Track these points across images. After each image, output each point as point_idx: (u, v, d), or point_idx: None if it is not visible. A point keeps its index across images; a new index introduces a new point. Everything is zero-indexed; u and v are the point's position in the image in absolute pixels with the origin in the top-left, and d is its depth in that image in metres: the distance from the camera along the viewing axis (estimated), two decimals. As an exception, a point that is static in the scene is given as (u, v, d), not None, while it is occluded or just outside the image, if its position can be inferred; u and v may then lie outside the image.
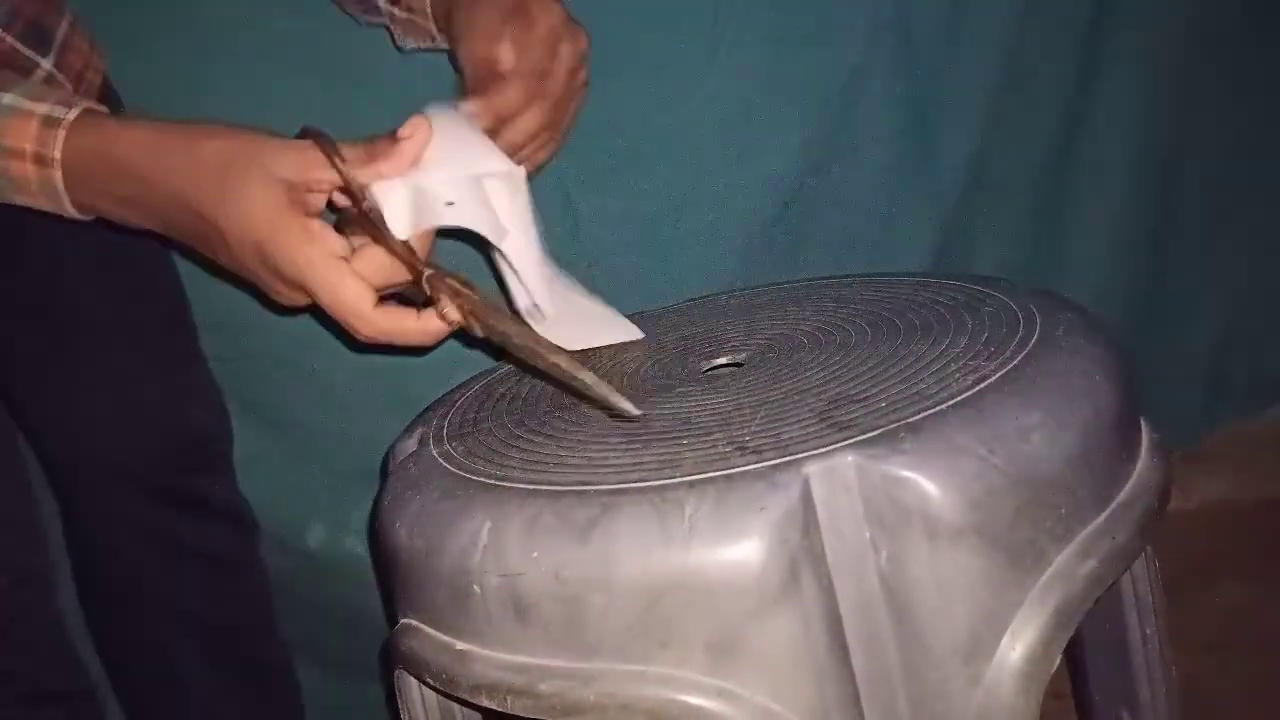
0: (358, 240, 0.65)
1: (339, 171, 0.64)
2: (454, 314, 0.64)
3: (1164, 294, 1.34)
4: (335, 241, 0.63)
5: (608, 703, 0.55)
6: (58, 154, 0.65)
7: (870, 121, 1.15)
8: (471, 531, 0.58)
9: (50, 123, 0.65)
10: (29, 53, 0.84)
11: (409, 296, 0.66)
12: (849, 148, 1.15)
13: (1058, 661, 0.55)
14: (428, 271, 0.64)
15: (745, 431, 0.59)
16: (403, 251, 0.64)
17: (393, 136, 0.66)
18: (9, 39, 0.83)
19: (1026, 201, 1.25)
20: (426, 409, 0.77)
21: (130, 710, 1.08)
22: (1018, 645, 0.54)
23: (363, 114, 1.02)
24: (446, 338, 0.66)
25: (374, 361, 1.07)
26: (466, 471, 0.63)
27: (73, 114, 0.65)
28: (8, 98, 0.65)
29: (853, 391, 0.61)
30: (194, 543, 1.01)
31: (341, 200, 0.67)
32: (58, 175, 0.65)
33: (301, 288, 0.63)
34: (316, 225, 0.63)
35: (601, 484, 0.57)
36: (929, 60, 1.16)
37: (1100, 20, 1.22)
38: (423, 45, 0.88)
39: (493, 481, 0.61)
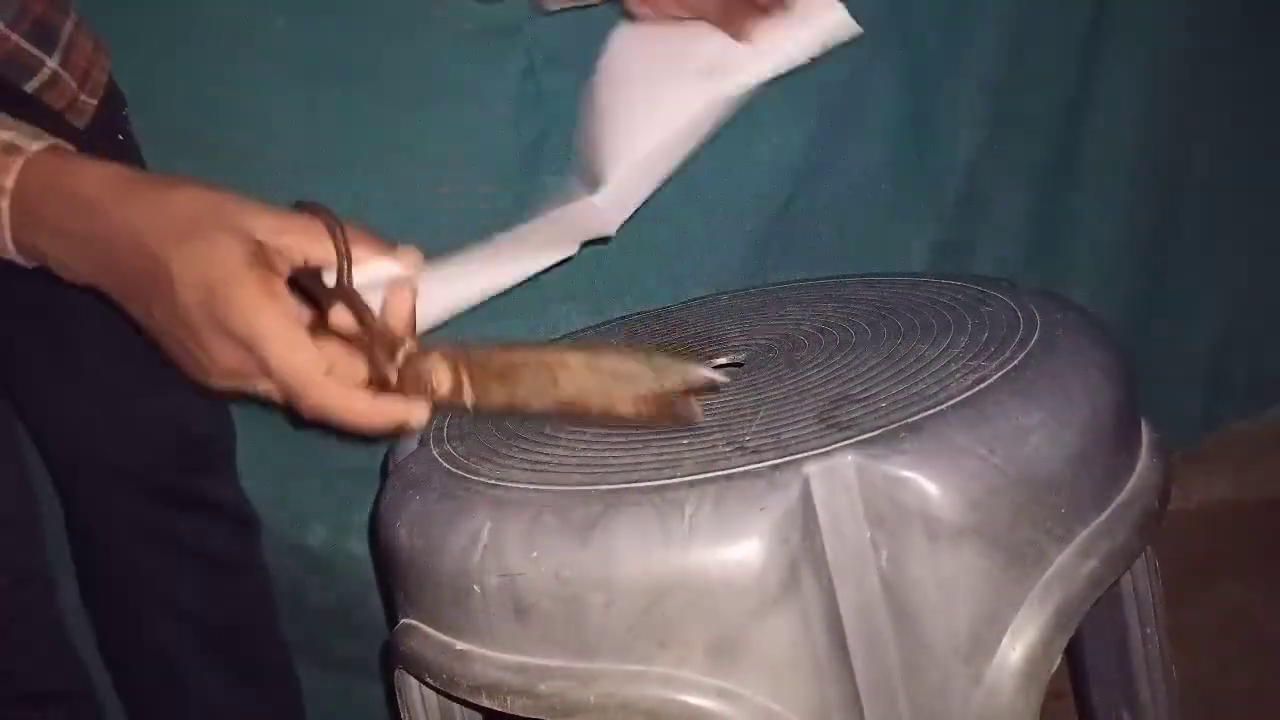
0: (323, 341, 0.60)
1: (336, 241, 0.59)
2: (444, 379, 0.59)
3: (1164, 294, 1.34)
4: (294, 305, 0.58)
5: (607, 703, 0.55)
6: (9, 183, 0.60)
7: (869, 121, 1.15)
8: (472, 531, 0.58)
9: (9, 150, 0.60)
10: (35, 51, 0.84)
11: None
12: (848, 148, 1.15)
13: (1058, 661, 0.55)
14: (409, 343, 0.59)
15: (745, 431, 0.59)
16: (383, 327, 0.60)
17: (388, 244, 0.62)
18: (14, 37, 0.83)
19: (1026, 201, 1.25)
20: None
21: (131, 710, 1.08)
22: (1018, 645, 0.54)
23: (364, 113, 1.03)
24: (397, 431, 0.61)
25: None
26: (467, 472, 0.63)
27: (37, 145, 0.61)
28: None
29: (853, 391, 0.61)
30: (195, 542, 1.01)
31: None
32: (4, 205, 0.60)
33: (248, 344, 0.57)
34: (279, 284, 0.58)
35: (601, 484, 0.57)
36: (929, 60, 1.16)
37: (1100, 20, 1.22)
38: (566, 5, 0.89)
39: (493, 482, 0.61)
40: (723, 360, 0.74)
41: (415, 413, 0.60)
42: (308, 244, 0.60)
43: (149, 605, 1.01)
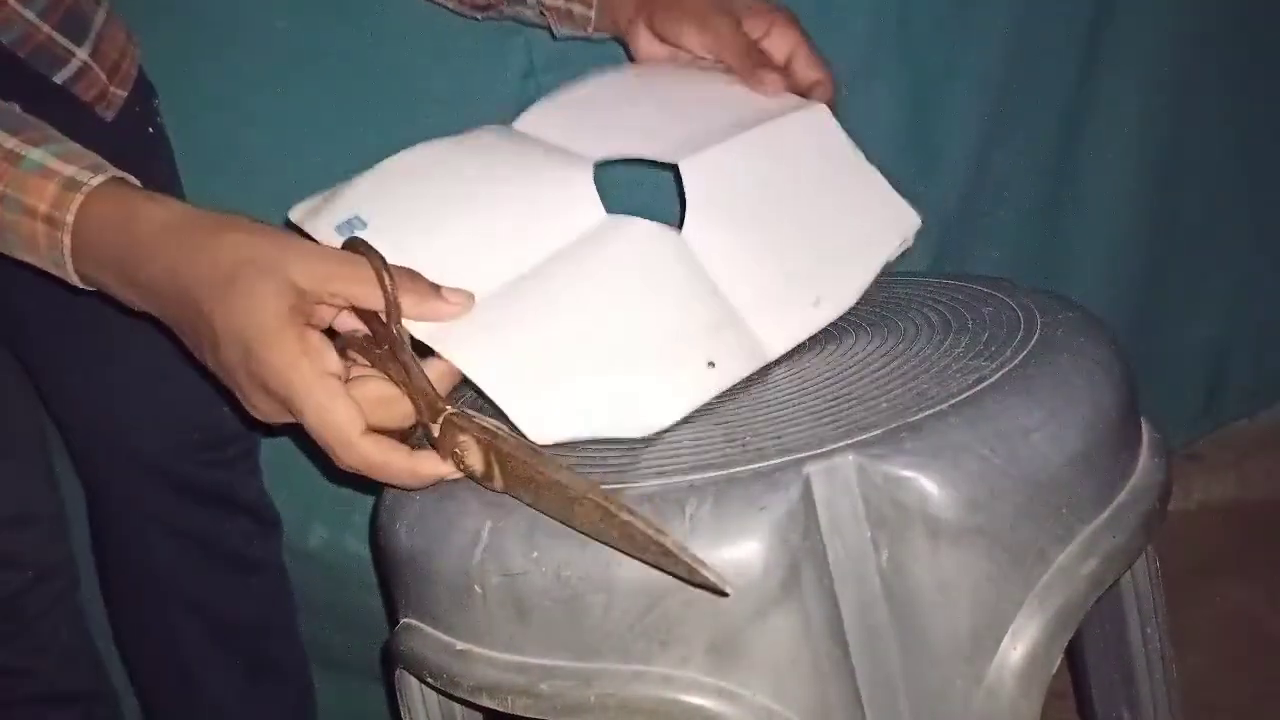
0: (356, 371, 0.60)
1: (384, 287, 0.58)
2: (476, 460, 0.57)
3: (1164, 293, 1.34)
4: (332, 360, 0.58)
5: (608, 703, 0.55)
6: (70, 219, 0.61)
7: (870, 121, 1.15)
8: (472, 531, 0.58)
9: (71, 185, 0.61)
10: (66, 43, 0.85)
11: (406, 438, 0.60)
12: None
13: (1059, 661, 0.55)
14: (448, 410, 0.58)
15: (746, 431, 0.59)
16: (427, 385, 0.58)
17: (434, 285, 0.62)
18: (45, 29, 0.83)
19: (1026, 201, 1.25)
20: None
21: (147, 707, 1.08)
22: (1019, 645, 0.54)
23: (365, 113, 1.03)
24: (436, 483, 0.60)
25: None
26: (467, 471, 0.63)
27: (97, 180, 0.62)
28: (37, 153, 0.62)
29: (853, 391, 0.61)
30: (217, 540, 1.01)
31: (347, 324, 0.62)
32: (66, 240, 0.62)
33: (285, 402, 0.58)
34: (315, 338, 0.58)
35: (601, 483, 0.57)
36: (929, 60, 1.16)
37: (1100, 20, 1.22)
38: (575, 34, 0.89)
39: (493, 481, 0.61)
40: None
41: (449, 472, 0.59)
42: (354, 288, 0.59)
43: (169, 601, 1.01)
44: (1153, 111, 1.27)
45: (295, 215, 0.69)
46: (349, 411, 0.57)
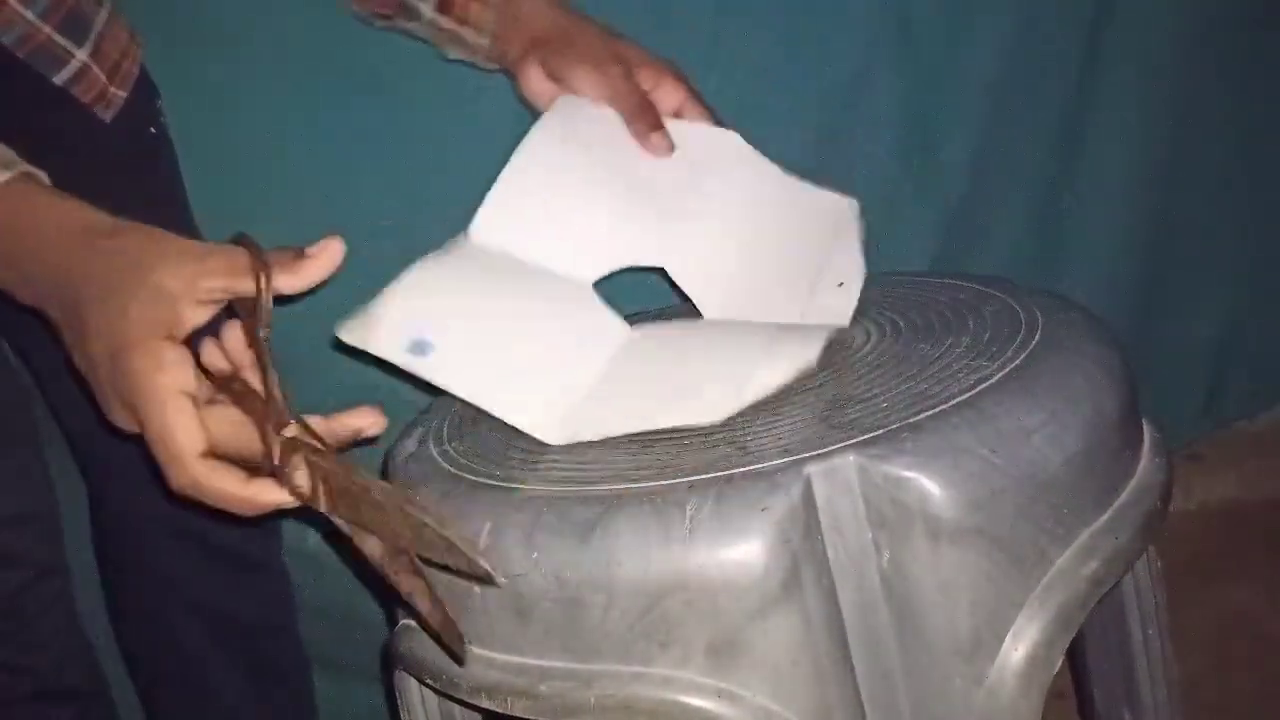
0: (219, 412, 0.59)
1: (258, 284, 0.58)
2: (303, 480, 0.57)
3: (1164, 293, 1.34)
4: (185, 377, 0.57)
5: (608, 704, 0.54)
6: None
7: (870, 121, 1.15)
8: (471, 532, 0.58)
9: None
10: (65, 43, 0.84)
11: (255, 472, 0.59)
12: (849, 148, 1.15)
13: (1060, 662, 0.55)
14: (290, 429, 0.57)
15: (746, 432, 0.59)
16: (280, 399, 0.58)
17: (299, 250, 0.61)
18: (46, 30, 0.83)
19: (1027, 201, 1.25)
20: (426, 409, 0.77)
21: (149, 707, 1.08)
22: (1020, 646, 0.54)
23: (366, 113, 1.03)
24: (273, 513, 0.59)
25: (376, 361, 1.07)
26: (466, 472, 0.63)
27: (4, 176, 0.61)
28: None
29: (854, 391, 0.61)
30: (220, 540, 1.01)
31: (216, 362, 0.62)
32: None
33: (134, 411, 0.58)
34: (174, 354, 0.57)
35: (602, 485, 0.57)
36: (929, 60, 1.16)
37: (1100, 20, 1.22)
38: (464, 59, 0.88)
39: (493, 482, 0.61)
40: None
41: (284, 501, 0.59)
42: (227, 281, 0.59)
43: (171, 601, 1.01)
44: (1153, 112, 1.27)
45: (350, 337, 0.69)
46: (191, 431, 0.57)
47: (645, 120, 0.78)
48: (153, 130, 0.95)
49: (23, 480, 0.97)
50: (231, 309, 0.61)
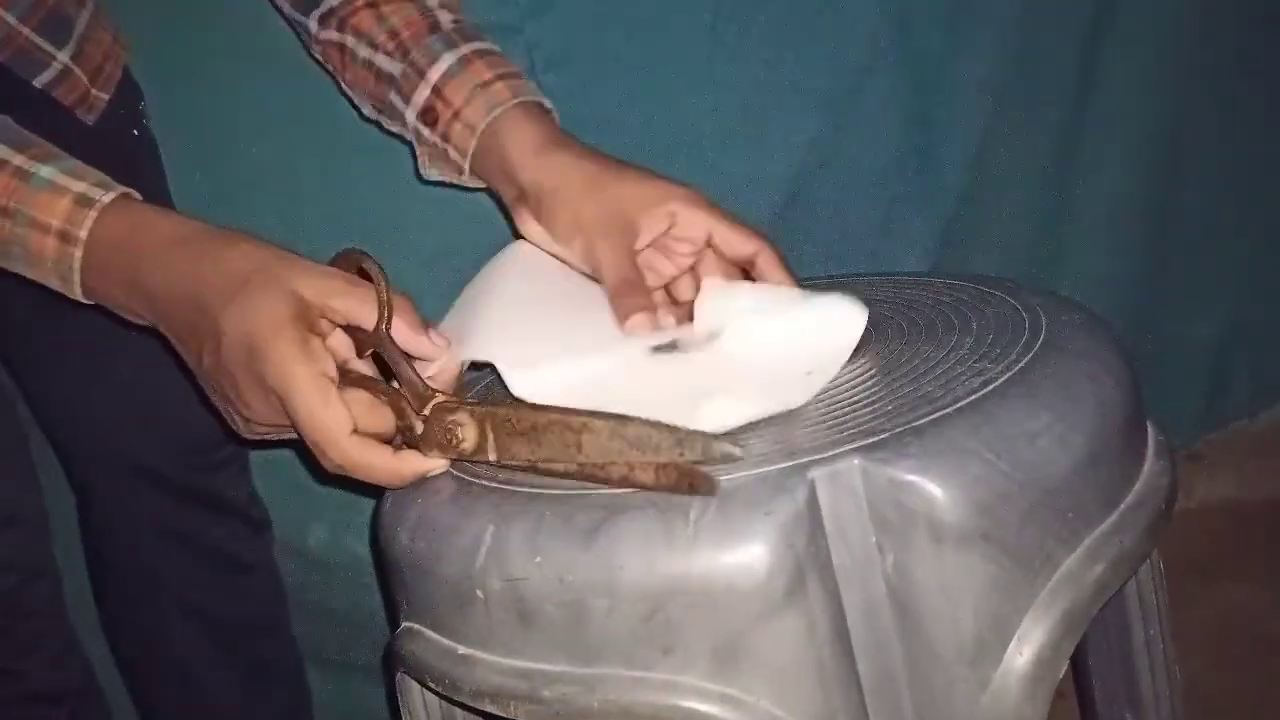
0: (351, 395, 0.62)
1: (379, 288, 0.62)
2: (470, 434, 0.61)
3: (1165, 293, 1.34)
4: (329, 365, 0.61)
5: (611, 708, 0.54)
6: (84, 234, 0.63)
7: (870, 121, 1.15)
8: (474, 535, 0.58)
9: (84, 202, 0.64)
10: (46, 45, 0.83)
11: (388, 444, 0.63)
12: (849, 148, 1.15)
13: (1065, 666, 0.55)
14: (437, 396, 0.62)
15: (750, 435, 0.59)
16: (415, 377, 0.63)
17: (437, 338, 0.65)
18: (25, 32, 0.82)
19: (1027, 201, 1.25)
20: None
21: (142, 709, 1.08)
22: (1025, 650, 0.54)
23: (357, 118, 1.03)
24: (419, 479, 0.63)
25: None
26: (469, 475, 0.63)
27: (108, 197, 0.64)
28: (45, 170, 0.64)
29: (857, 395, 0.61)
30: (210, 542, 1.01)
31: (340, 353, 0.64)
32: (78, 254, 0.64)
33: (282, 399, 0.60)
34: (316, 344, 0.61)
35: (605, 488, 0.57)
36: (930, 60, 1.16)
37: (1100, 19, 1.22)
38: (447, 179, 0.81)
39: (496, 485, 0.61)
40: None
41: (432, 468, 0.63)
42: (354, 307, 0.63)
43: (163, 603, 1.01)
44: (1153, 111, 1.27)
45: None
46: (339, 413, 0.60)
47: (624, 302, 0.68)
48: (136, 132, 0.94)
49: (7, 483, 0.97)
50: None
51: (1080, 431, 0.57)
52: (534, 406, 0.60)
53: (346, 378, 0.63)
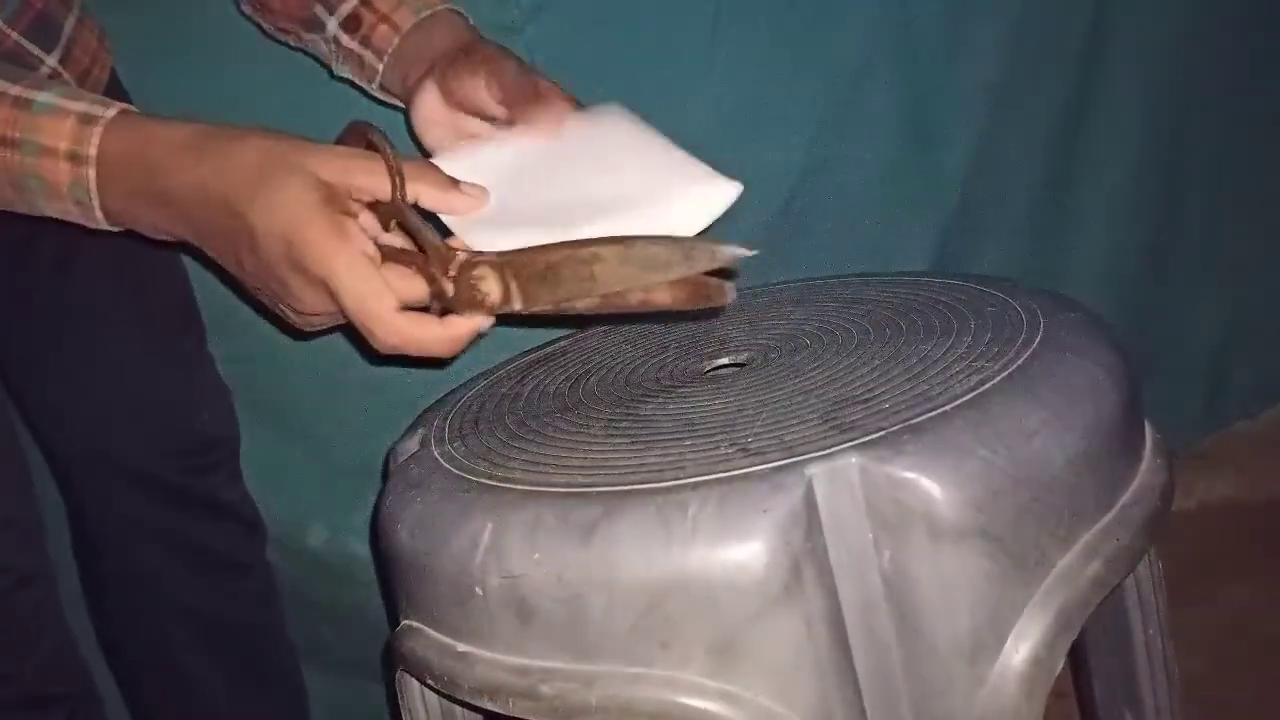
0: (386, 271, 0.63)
1: (386, 159, 0.62)
2: (494, 286, 0.61)
3: (1165, 293, 1.34)
4: (368, 244, 0.61)
5: (609, 705, 0.54)
6: (93, 151, 0.62)
7: (870, 121, 1.15)
8: (473, 533, 0.58)
9: (87, 120, 0.63)
10: (35, 49, 0.83)
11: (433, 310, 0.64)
12: (849, 147, 1.15)
13: (1062, 663, 0.55)
14: (460, 253, 0.62)
15: (748, 433, 0.59)
16: (436, 240, 0.63)
17: (454, 183, 0.66)
18: (13, 35, 0.81)
19: (1027, 201, 1.25)
20: (428, 409, 0.77)
21: (135, 711, 1.08)
22: (1022, 647, 0.54)
23: (365, 114, 1.03)
24: (474, 342, 0.64)
25: (376, 361, 1.06)
26: (468, 473, 0.63)
27: (111, 112, 0.63)
28: (43, 96, 0.63)
29: (856, 392, 0.61)
30: (201, 543, 1.01)
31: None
32: (91, 174, 0.63)
33: (325, 286, 0.61)
34: (351, 225, 0.61)
35: (603, 485, 0.57)
36: (929, 60, 1.16)
37: (1101, 20, 1.22)
38: (355, 80, 0.85)
39: (494, 483, 0.61)
40: (725, 361, 0.74)
41: (479, 326, 0.63)
42: (377, 182, 0.63)
43: (154, 605, 1.01)
44: (1153, 111, 1.27)
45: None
46: (384, 290, 0.61)
47: (546, 112, 0.72)
48: None
49: (2, 486, 0.96)
50: None
51: (1077, 429, 0.57)
52: (543, 246, 0.60)
53: (382, 254, 0.63)
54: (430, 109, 0.77)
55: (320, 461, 1.11)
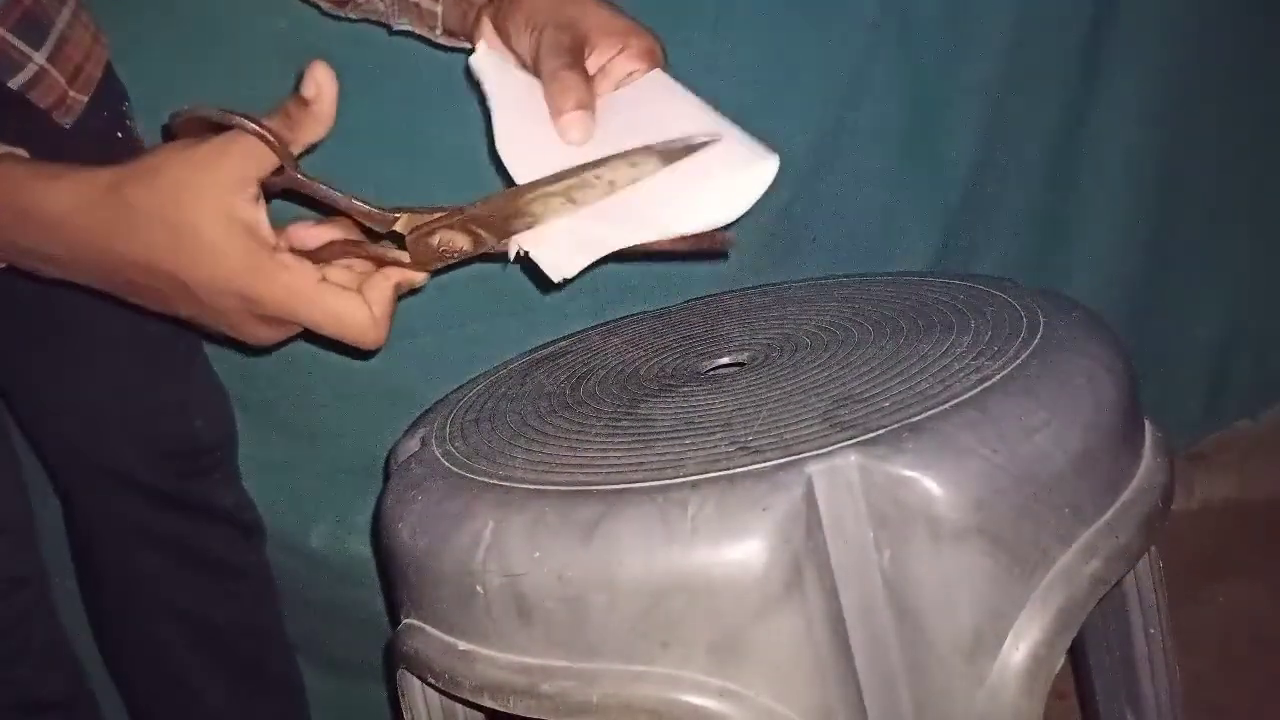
0: (333, 273, 0.62)
1: (266, 140, 0.59)
2: (463, 240, 0.61)
3: (1166, 292, 1.34)
4: (312, 268, 0.60)
5: (610, 703, 0.55)
6: None
7: (871, 121, 1.15)
8: (474, 531, 0.58)
9: None
10: (21, 46, 0.81)
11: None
12: (850, 148, 1.15)
13: (1061, 661, 0.55)
14: (400, 223, 0.61)
15: (748, 431, 0.59)
16: (369, 207, 0.62)
17: (301, 99, 0.62)
18: (0, 31, 0.80)
19: (1028, 201, 1.25)
20: (429, 409, 0.77)
21: (134, 713, 1.08)
22: (1021, 645, 0.54)
23: (365, 114, 1.03)
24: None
25: (377, 361, 1.07)
26: (469, 471, 0.63)
27: None
28: None
29: (856, 391, 0.61)
30: (198, 547, 1.00)
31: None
32: None
33: (293, 323, 0.61)
34: (290, 260, 0.59)
35: (604, 484, 0.57)
36: (930, 60, 1.16)
37: (1101, 19, 1.22)
38: (415, 31, 0.83)
39: (495, 481, 0.61)
40: (725, 360, 0.74)
41: (417, 281, 0.63)
42: (261, 167, 0.59)
43: (151, 609, 1.01)
44: (1153, 111, 1.27)
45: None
46: (354, 303, 0.60)
47: (559, 101, 0.67)
48: (119, 135, 0.92)
49: None
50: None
51: (1077, 428, 0.57)
52: (510, 191, 0.60)
53: (320, 259, 0.62)
54: (492, 41, 0.75)
55: (321, 461, 1.11)
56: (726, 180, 0.64)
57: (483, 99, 0.72)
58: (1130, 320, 1.30)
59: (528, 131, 0.68)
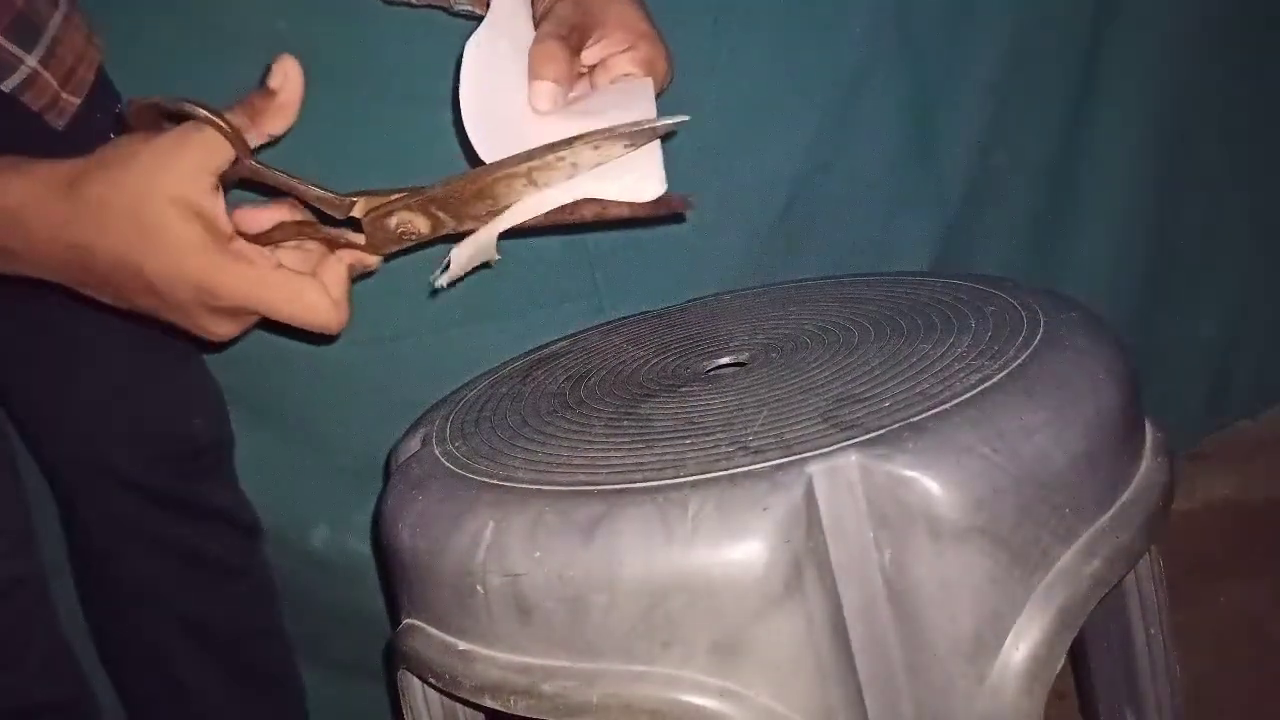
0: (289, 257, 0.62)
1: (221, 130, 0.59)
2: (421, 223, 0.61)
3: (1166, 293, 1.34)
4: (269, 257, 0.60)
5: (611, 703, 0.54)
6: None
7: (871, 121, 1.15)
8: (474, 531, 0.58)
9: None
10: (13, 49, 0.81)
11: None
12: (850, 148, 1.15)
13: (1062, 661, 0.55)
14: (357, 208, 0.61)
15: (748, 431, 0.59)
16: (323, 192, 0.61)
17: (266, 91, 0.62)
18: None
19: (1028, 200, 1.25)
20: (429, 409, 0.77)
21: (134, 714, 1.08)
22: (1022, 645, 0.54)
23: (365, 114, 1.03)
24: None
25: (377, 361, 1.07)
26: (469, 471, 0.63)
27: None
28: None
29: (856, 391, 0.61)
30: (195, 548, 1.00)
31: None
32: None
33: (251, 313, 0.60)
34: (247, 249, 0.60)
35: (604, 484, 0.57)
36: (930, 60, 1.16)
37: (1101, 19, 1.22)
38: (477, 10, 0.81)
39: (496, 481, 0.61)
40: (725, 360, 0.74)
41: (372, 263, 0.63)
42: (220, 159, 0.59)
43: (149, 610, 1.01)
44: (1154, 111, 1.27)
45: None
46: (318, 290, 0.60)
47: (539, 66, 0.67)
48: (113, 137, 0.92)
49: None
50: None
51: (1077, 428, 0.57)
52: (471, 173, 0.60)
53: (271, 241, 0.62)
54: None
55: (321, 461, 1.11)
56: (620, 173, 0.63)
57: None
58: (1130, 320, 1.30)
59: (494, 104, 0.68)
